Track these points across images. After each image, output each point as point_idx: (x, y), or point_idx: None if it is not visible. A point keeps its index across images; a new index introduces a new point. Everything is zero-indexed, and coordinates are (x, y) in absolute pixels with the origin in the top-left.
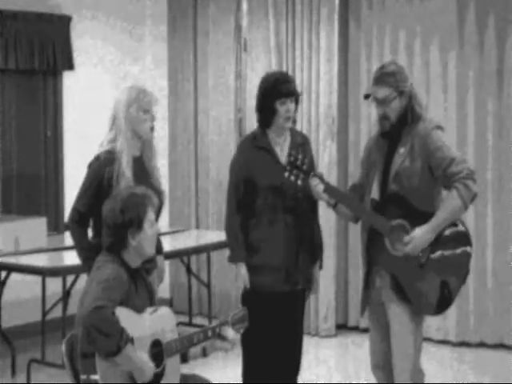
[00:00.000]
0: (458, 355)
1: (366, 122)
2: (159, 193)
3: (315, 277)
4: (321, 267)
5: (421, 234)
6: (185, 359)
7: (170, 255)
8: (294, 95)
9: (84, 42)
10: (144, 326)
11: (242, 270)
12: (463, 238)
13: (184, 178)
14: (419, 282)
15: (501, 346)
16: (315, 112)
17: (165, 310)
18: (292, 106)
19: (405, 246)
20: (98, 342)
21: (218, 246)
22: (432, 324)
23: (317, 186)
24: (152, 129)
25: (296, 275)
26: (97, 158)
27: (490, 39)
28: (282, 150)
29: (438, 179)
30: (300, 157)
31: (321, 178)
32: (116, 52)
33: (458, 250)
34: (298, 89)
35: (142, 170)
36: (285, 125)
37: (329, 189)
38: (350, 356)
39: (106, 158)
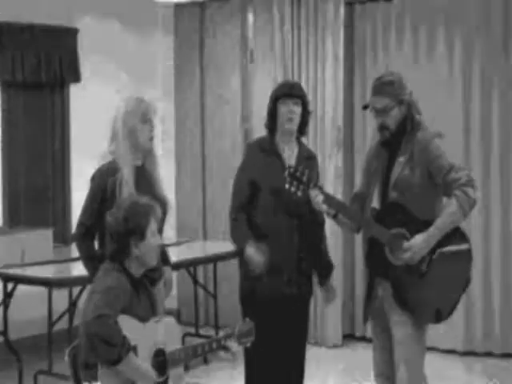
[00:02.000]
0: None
1: (373, 131)
2: (163, 202)
3: (332, 287)
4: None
5: (420, 242)
6: (186, 367)
7: (176, 266)
8: (295, 97)
9: (91, 54)
10: (147, 334)
11: (252, 249)
12: (462, 242)
13: (191, 188)
14: (420, 290)
15: (508, 355)
16: (321, 121)
17: (169, 320)
18: (295, 108)
19: (404, 253)
20: (100, 351)
21: (224, 257)
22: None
23: (316, 197)
24: (152, 138)
25: (298, 280)
26: (99, 170)
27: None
28: (290, 158)
29: (438, 187)
30: (300, 168)
31: (320, 189)
32: (123, 65)
33: (458, 257)
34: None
35: (144, 180)
36: (286, 125)
37: (328, 199)
38: (357, 366)
39: (108, 168)
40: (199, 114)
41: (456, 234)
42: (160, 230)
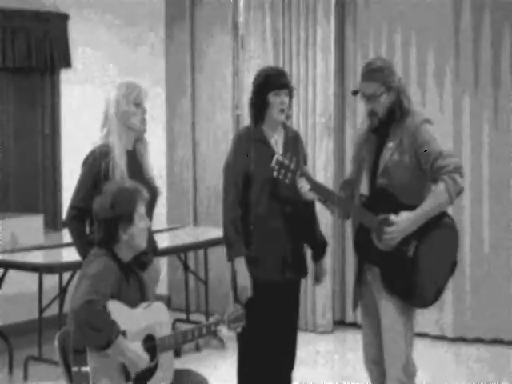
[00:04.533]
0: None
1: (362, 118)
2: (152, 187)
3: (323, 267)
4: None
5: (403, 220)
6: (178, 354)
7: (167, 252)
8: (287, 88)
9: (81, 39)
10: (137, 319)
11: (242, 266)
12: (449, 230)
13: (182, 174)
14: (408, 275)
15: (498, 341)
16: (312, 108)
17: (159, 305)
18: (286, 98)
19: (388, 230)
20: (89, 336)
21: (215, 243)
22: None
23: (303, 187)
24: (143, 121)
25: (292, 266)
26: (91, 153)
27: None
28: (277, 144)
29: (426, 173)
30: (288, 155)
31: (307, 178)
32: (113, 49)
33: (445, 241)
34: (295, 85)
35: (135, 164)
36: (279, 117)
37: (315, 188)
38: (347, 352)
39: (100, 151)
40: (190, 100)
41: (443, 219)
42: (149, 215)
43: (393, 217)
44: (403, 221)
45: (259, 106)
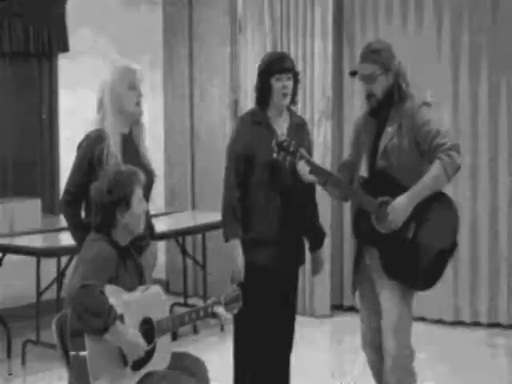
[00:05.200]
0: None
1: (361, 101)
2: (149, 171)
3: (321, 258)
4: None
5: (401, 202)
6: (175, 337)
7: (165, 236)
8: (289, 72)
9: (79, 24)
10: (134, 303)
11: (237, 248)
12: (448, 211)
13: (180, 159)
14: (407, 257)
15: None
16: (310, 91)
17: (156, 289)
18: (288, 83)
19: (388, 217)
20: (86, 321)
21: (213, 227)
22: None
23: (302, 169)
24: (139, 104)
25: (290, 253)
26: (86, 137)
27: None
28: (281, 129)
29: (425, 154)
30: (288, 138)
31: (307, 160)
32: (111, 36)
33: (444, 222)
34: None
35: (131, 148)
36: (281, 101)
37: (315, 170)
38: (345, 336)
39: (95, 136)
40: (188, 85)
41: (442, 199)
42: (146, 199)
43: (390, 207)
44: (400, 202)
45: (262, 90)
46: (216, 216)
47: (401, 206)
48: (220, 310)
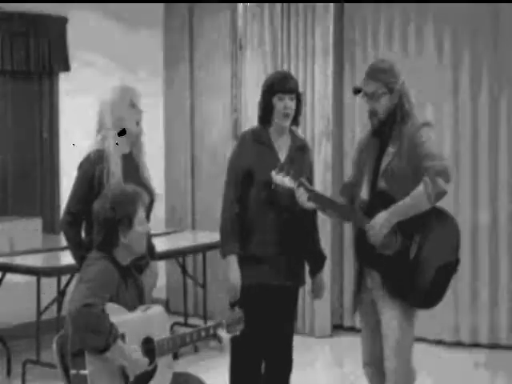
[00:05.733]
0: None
1: (362, 121)
2: (149, 190)
3: (322, 282)
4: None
5: (379, 217)
6: (175, 356)
7: (165, 255)
8: (292, 92)
9: (80, 43)
10: (135, 322)
11: (234, 264)
12: (450, 228)
13: (180, 178)
14: (409, 277)
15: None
16: (310, 112)
17: (157, 309)
18: (291, 103)
19: (368, 232)
20: (87, 339)
21: (213, 247)
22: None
23: (301, 197)
24: (139, 123)
25: (286, 271)
26: (87, 158)
27: None
28: (282, 150)
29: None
30: (286, 167)
31: (306, 188)
32: (112, 53)
33: (446, 240)
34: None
35: (132, 167)
36: (283, 122)
37: (313, 197)
38: (346, 356)
39: (95, 156)
40: (189, 104)
41: (442, 217)
42: (147, 218)
43: (368, 225)
44: (379, 217)
45: (265, 109)
46: (216, 236)
47: (379, 221)
48: (222, 332)
